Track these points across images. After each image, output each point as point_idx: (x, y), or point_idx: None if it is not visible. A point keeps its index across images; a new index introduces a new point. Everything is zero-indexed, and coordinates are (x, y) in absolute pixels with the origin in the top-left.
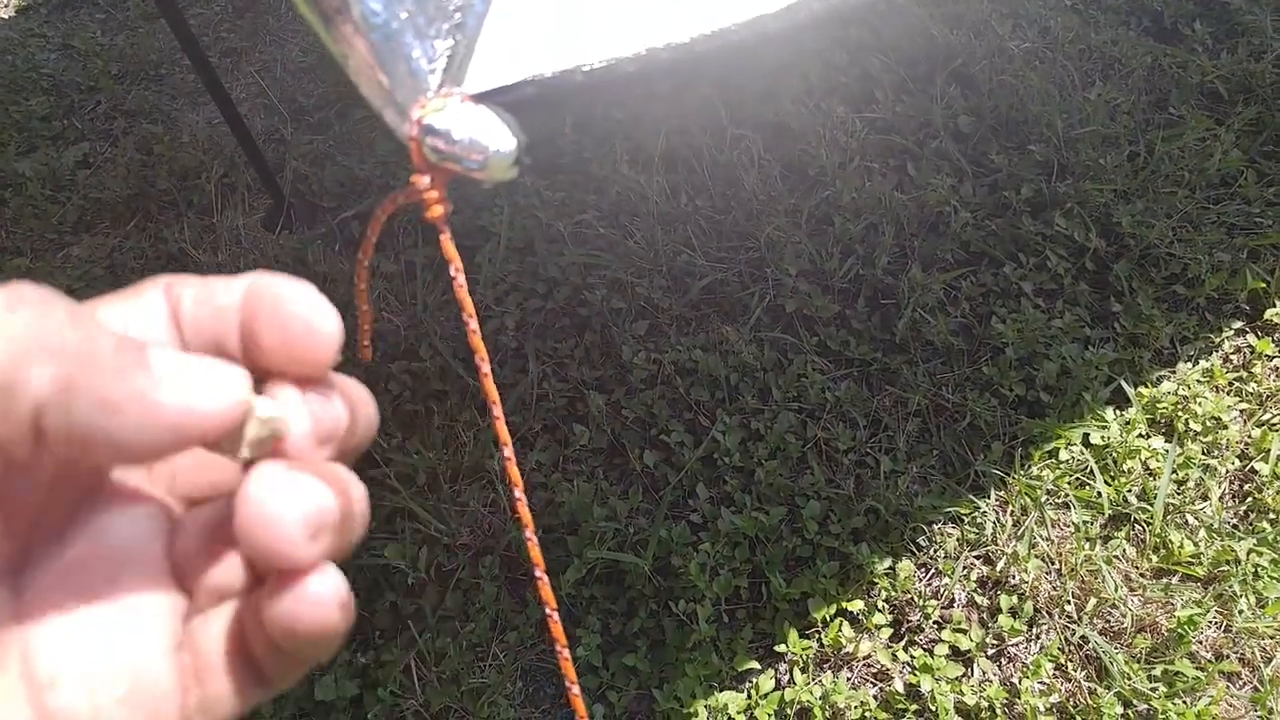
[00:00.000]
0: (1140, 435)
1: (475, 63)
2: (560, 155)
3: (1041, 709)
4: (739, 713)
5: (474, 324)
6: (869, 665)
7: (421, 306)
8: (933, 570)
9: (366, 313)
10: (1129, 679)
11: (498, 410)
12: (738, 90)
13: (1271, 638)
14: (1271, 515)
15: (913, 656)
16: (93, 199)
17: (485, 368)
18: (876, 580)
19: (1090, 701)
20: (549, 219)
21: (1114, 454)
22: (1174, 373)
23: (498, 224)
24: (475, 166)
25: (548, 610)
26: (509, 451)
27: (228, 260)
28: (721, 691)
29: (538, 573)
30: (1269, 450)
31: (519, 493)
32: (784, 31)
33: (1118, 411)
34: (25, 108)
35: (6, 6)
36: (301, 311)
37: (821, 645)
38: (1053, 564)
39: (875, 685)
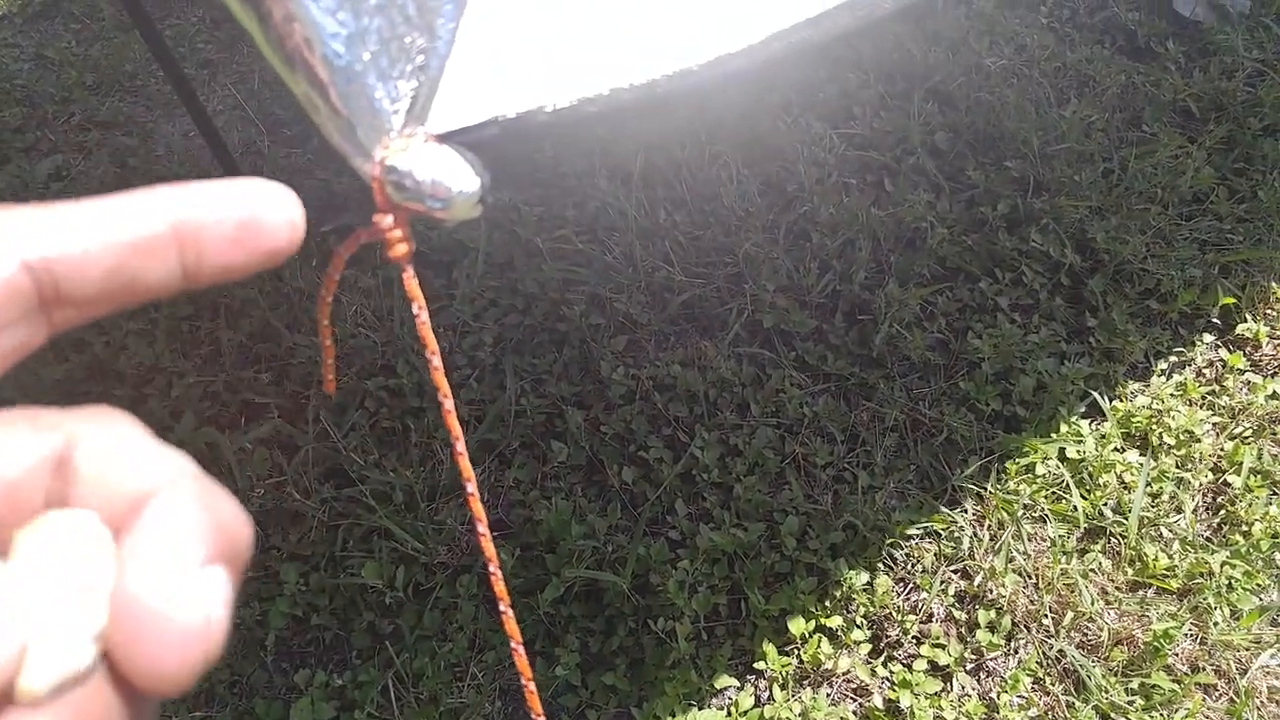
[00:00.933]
0: (1115, 449)
1: (439, 102)
2: (538, 170)
3: None
4: None
5: (437, 360)
6: (848, 681)
7: (399, 323)
8: (911, 585)
9: (330, 347)
10: (1106, 692)
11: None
12: (716, 107)
13: (1246, 649)
14: (1244, 528)
15: (892, 672)
16: None
17: (436, 360)
18: (855, 596)
19: (1068, 715)
20: (527, 234)
21: (1089, 468)
22: (1148, 387)
23: (476, 239)
24: (438, 206)
25: (513, 644)
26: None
27: None
28: (701, 709)
29: (502, 606)
30: (1241, 463)
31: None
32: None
33: (1093, 425)
34: None
35: None
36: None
37: (801, 662)
38: (1030, 578)
39: (855, 701)
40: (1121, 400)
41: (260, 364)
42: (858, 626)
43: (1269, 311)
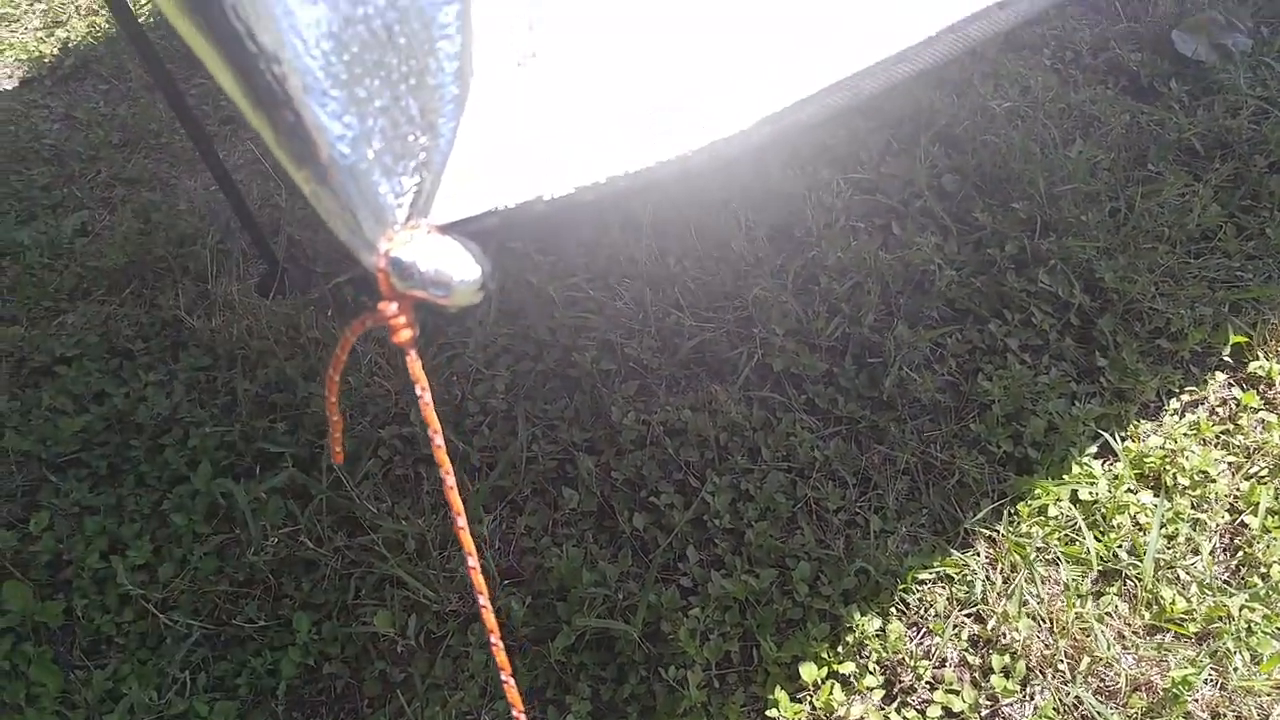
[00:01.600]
0: (1128, 490)
1: (441, 194)
2: (550, 219)
3: None
4: None
5: (439, 439)
6: None
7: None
8: (924, 630)
9: (338, 422)
10: None
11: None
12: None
13: (1268, 695)
14: (1262, 570)
15: (905, 718)
16: (90, 267)
17: (439, 439)
18: (868, 641)
19: None
20: (540, 282)
21: (1102, 509)
22: (1160, 426)
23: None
24: (441, 294)
25: (515, 713)
26: (451, 480)
27: (221, 326)
28: None
29: (504, 677)
30: (1258, 504)
31: (473, 561)
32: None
33: (1106, 466)
34: (26, 177)
35: (11, 78)
36: None
37: (813, 708)
38: (1044, 622)
39: None
40: (1134, 440)
41: (276, 413)
42: (871, 673)
43: None
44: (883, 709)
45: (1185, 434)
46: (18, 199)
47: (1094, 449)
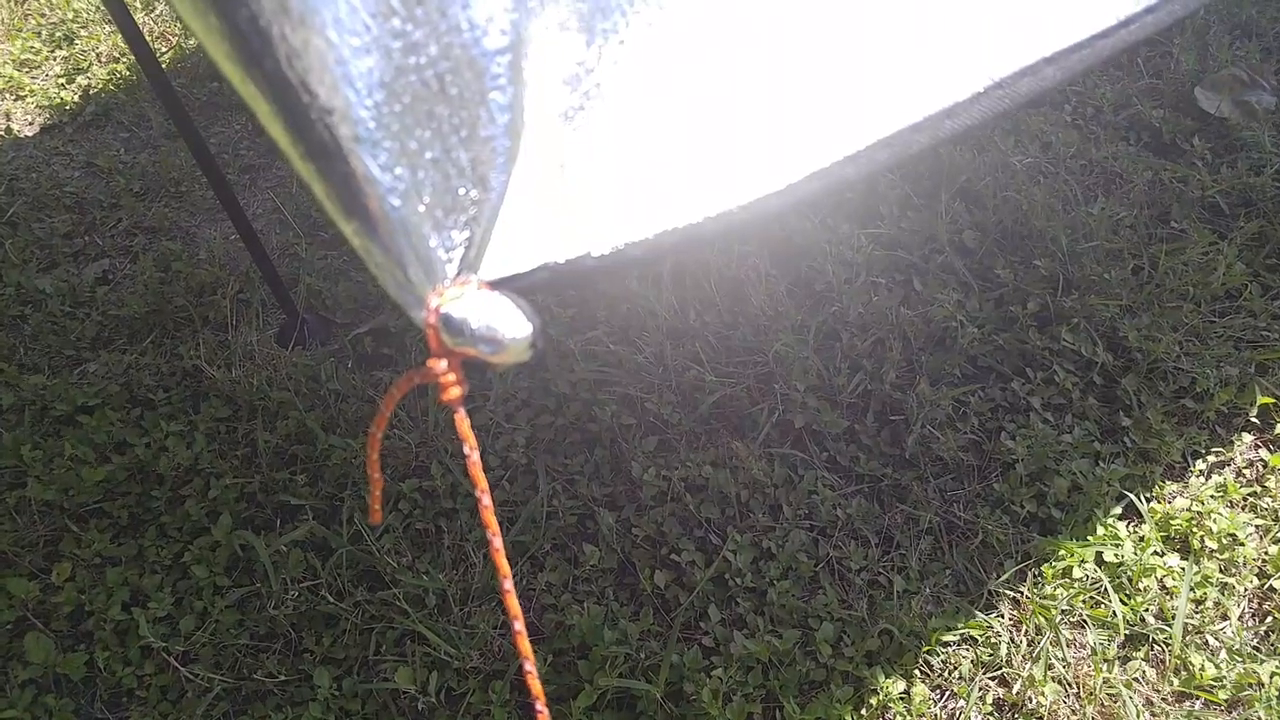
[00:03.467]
0: (1155, 553)
1: (491, 250)
2: (564, 295)
3: None
4: None
5: (487, 500)
6: None
7: (433, 424)
8: (947, 693)
9: (378, 480)
10: None
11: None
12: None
13: None
14: None
15: None
16: (111, 315)
17: (486, 500)
18: (891, 704)
19: None
20: (559, 335)
21: (1128, 572)
22: (1186, 488)
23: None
24: (491, 351)
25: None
26: (498, 543)
27: (242, 377)
28: None
29: (538, 706)
30: None
31: (519, 625)
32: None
33: (1131, 528)
34: (48, 225)
35: (32, 124)
36: None
37: None
38: (1070, 687)
39: None
40: (1159, 502)
41: (296, 465)
42: None
43: None
44: None
45: (1212, 496)
46: (39, 246)
47: (1119, 510)
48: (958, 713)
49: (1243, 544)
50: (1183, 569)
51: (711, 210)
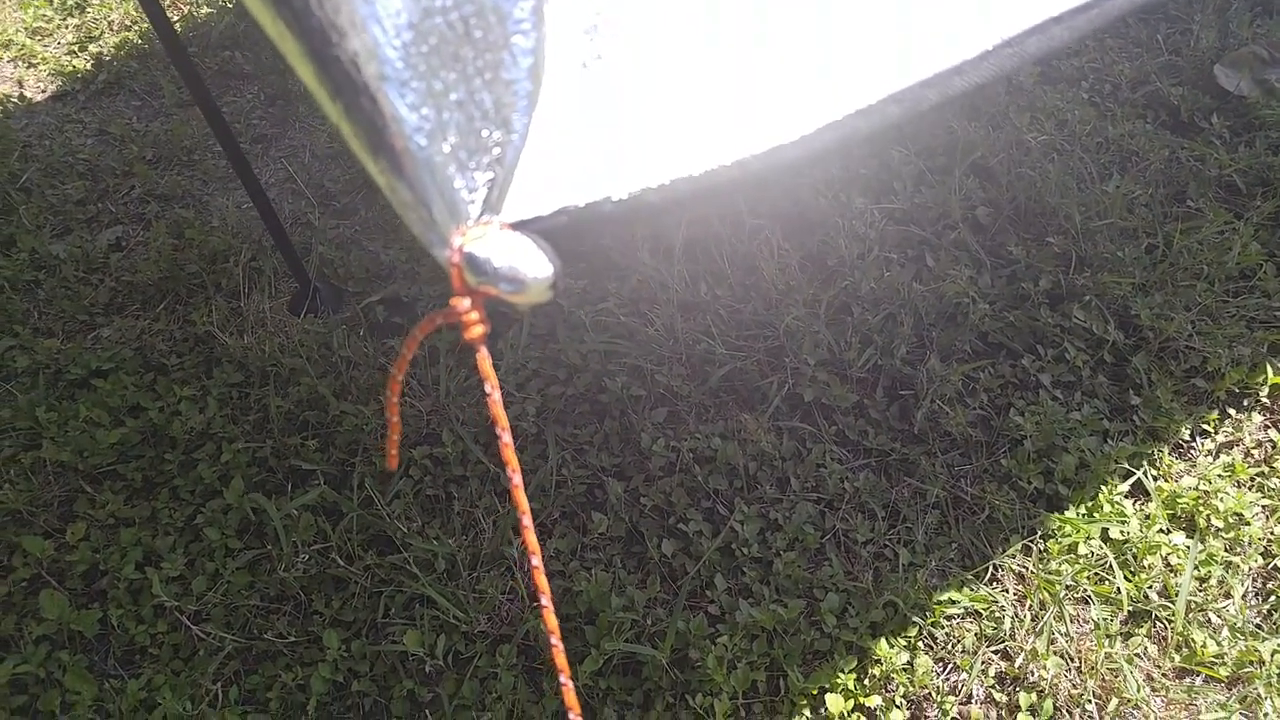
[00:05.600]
0: (1160, 530)
1: (512, 192)
2: (582, 244)
3: None
4: None
5: (507, 437)
6: None
7: (444, 392)
8: (950, 665)
9: (396, 424)
10: None
11: (518, 479)
12: (757, 181)
13: None
14: None
15: None
16: (124, 281)
17: (506, 437)
18: (894, 675)
19: None
20: (571, 306)
21: (1134, 549)
22: (1194, 467)
23: (520, 311)
24: (513, 289)
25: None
26: (518, 479)
27: (254, 344)
28: None
29: (563, 679)
30: None
31: (536, 560)
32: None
33: (1137, 506)
34: (61, 191)
35: (44, 92)
36: None
37: None
38: (1072, 661)
39: None
40: (1166, 480)
41: (307, 431)
42: (897, 707)
43: None
44: None
45: (1220, 475)
46: (53, 213)
47: (1125, 488)
48: (960, 685)
49: (1249, 523)
50: (1188, 547)
51: (727, 158)
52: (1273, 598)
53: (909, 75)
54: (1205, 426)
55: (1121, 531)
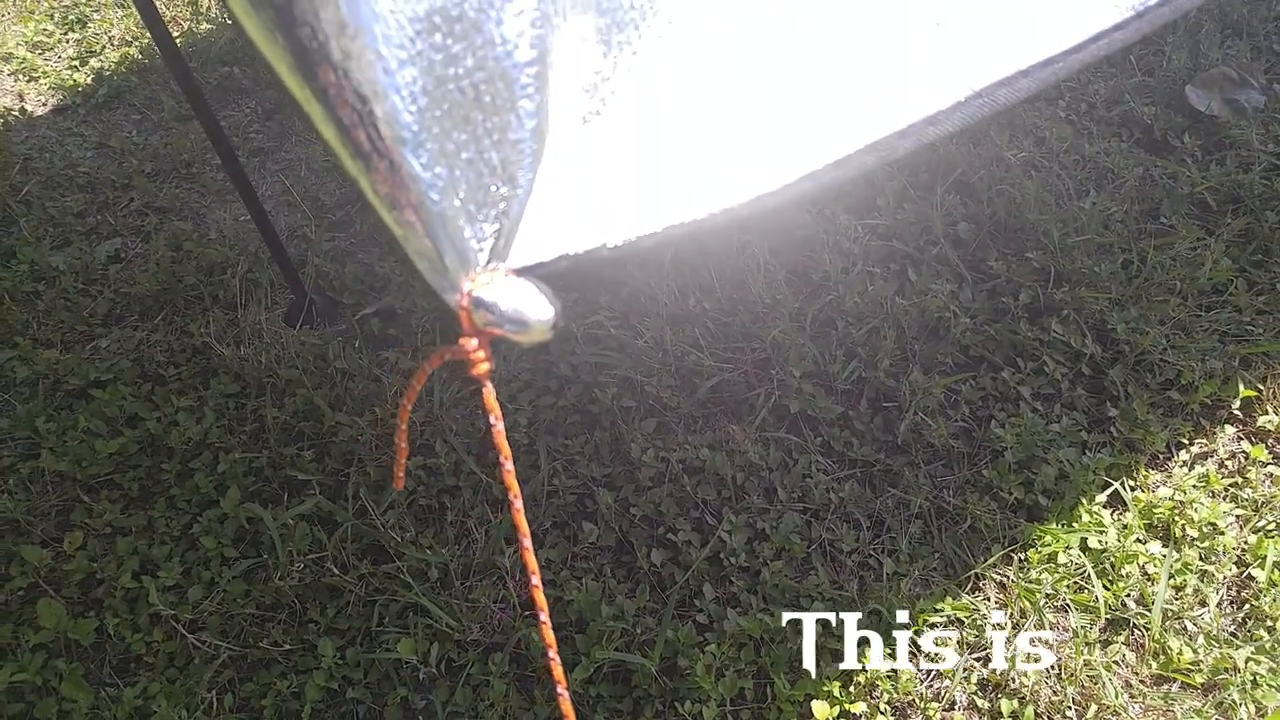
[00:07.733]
0: (1138, 540)
1: (517, 241)
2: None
3: None
4: None
5: (509, 465)
6: None
7: (437, 403)
8: (934, 672)
9: (404, 449)
10: None
11: (519, 503)
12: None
13: None
14: (1269, 623)
15: None
16: (123, 293)
17: (509, 465)
18: (879, 682)
19: None
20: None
21: (1111, 558)
22: (1170, 477)
23: (523, 348)
24: (517, 330)
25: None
26: (519, 504)
27: (250, 355)
28: None
29: (560, 689)
30: (1265, 557)
31: (536, 579)
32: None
33: (1115, 516)
34: (61, 204)
35: (45, 105)
36: None
37: None
38: (1053, 669)
39: None
40: (1143, 491)
41: (303, 441)
42: (882, 713)
43: None
44: None
45: (1194, 486)
46: (53, 225)
47: (1104, 498)
48: (943, 692)
49: (1223, 533)
50: (1164, 556)
51: (715, 207)
52: (1247, 606)
53: (884, 127)
54: (1180, 438)
55: (1100, 541)
